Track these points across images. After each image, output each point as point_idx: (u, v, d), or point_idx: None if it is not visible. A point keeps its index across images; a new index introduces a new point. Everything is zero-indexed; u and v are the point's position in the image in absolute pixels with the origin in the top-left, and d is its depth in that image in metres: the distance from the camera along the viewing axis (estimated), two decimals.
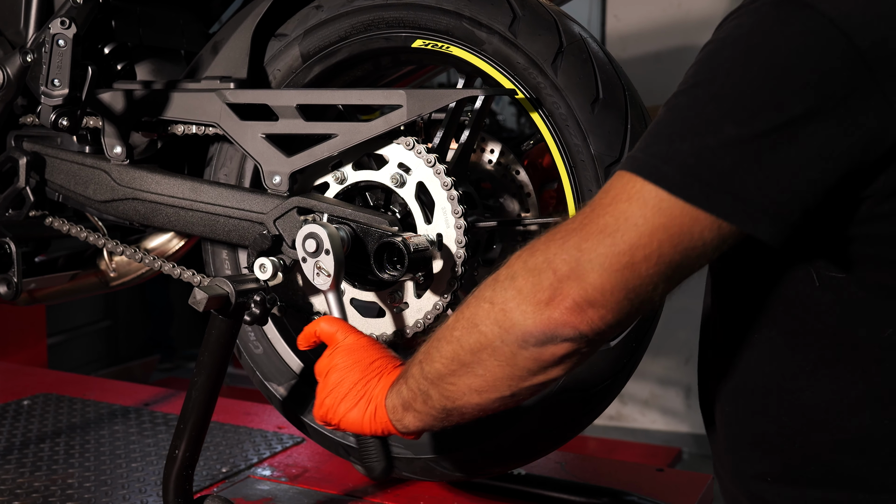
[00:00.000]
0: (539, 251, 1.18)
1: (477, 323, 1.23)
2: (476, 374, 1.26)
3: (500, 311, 1.20)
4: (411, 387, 1.35)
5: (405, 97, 1.60)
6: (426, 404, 1.33)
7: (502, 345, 1.21)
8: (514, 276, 1.20)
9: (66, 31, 1.62)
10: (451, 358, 1.27)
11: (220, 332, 1.64)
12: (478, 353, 1.24)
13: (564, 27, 1.60)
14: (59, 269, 2.14)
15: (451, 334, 1.27)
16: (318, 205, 1.66)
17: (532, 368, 1.21)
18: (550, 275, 1.16)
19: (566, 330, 1.16)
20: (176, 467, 1.71)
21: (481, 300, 1.24)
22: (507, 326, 1.20)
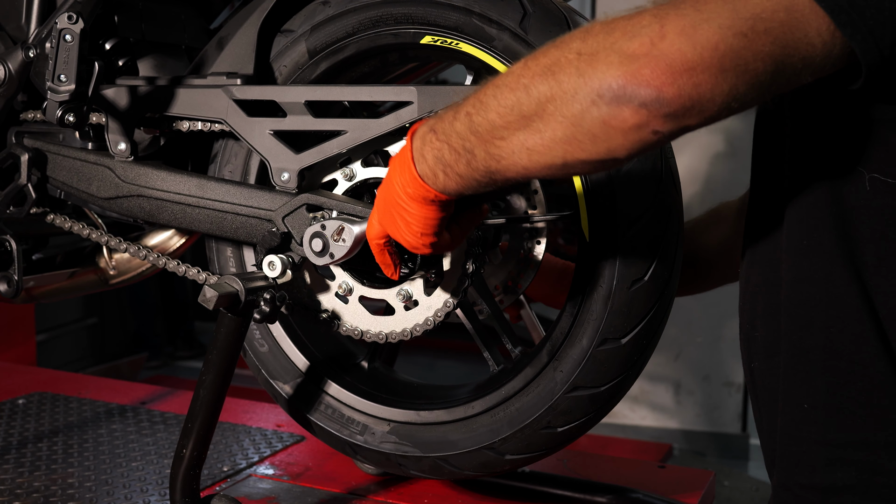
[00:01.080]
0: (646, 11, 1.08)
1: (555, 71, 1.11)
2: (534, 130, 1.14)
3: (584, 60, 1.09)
4: (455, 146, 1.23)
5: (416, 94, 1.59)
6: (469, 166, 1.23)
7: (573, 98, 1.09)
8: (612, 30, 1.09)
9: (73, 25, 1.60)
10: (512, 107, 1.15)
11: (229, 330, 1.63)
12: (544, 105, 1.12)
13: (575, 23, 1.59)
14: (58, 267, 2.12)
15: (518, 81, 1.15)
16: (327, 202, 1.65)
17: (596, 133, 1.10)
18: (656, 27, 1.05)
19: (647, 91, 1.05)
20: (183, 466, 1.69)
21: (566, 50, 1.12)
22: (588, 75, 1.08)
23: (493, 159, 1.20)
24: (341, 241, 1.56)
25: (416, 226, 1.34)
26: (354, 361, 1.90)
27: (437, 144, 1.25)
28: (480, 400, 1.71)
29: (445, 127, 1.24)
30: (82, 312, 6.10)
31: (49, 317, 5.65)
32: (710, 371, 5.10)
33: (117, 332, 6.42)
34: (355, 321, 1.74)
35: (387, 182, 1.37)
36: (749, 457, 5.17)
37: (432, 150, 1.26)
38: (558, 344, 1.64)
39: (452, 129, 1.23)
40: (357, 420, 1.81)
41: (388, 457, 1.79)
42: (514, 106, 1.15)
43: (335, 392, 1.83)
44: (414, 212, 1.32)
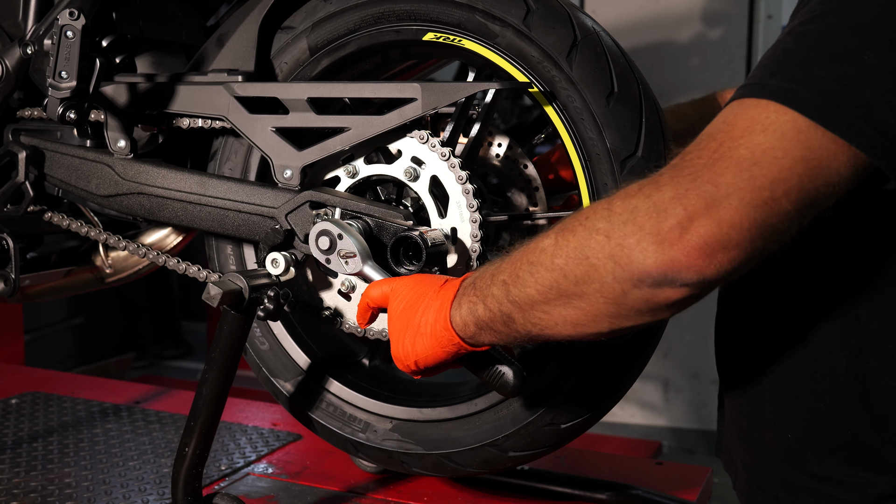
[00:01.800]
0: (666, 186, 1.11)
1: (588, 255, 1.15)
2: (575, 307, 1.19)
3: (616, 245, 1.12)
4: (491, 307, 1.27)
5: (420, 90, 1.59)
6: (508, 327, 1.27)
7: (613, 281, 1.13)
8: (635, 210, 1.12)
9: (75, 22, 1.59)
10: (550, 287, 1.19)
11: (233, 327, 1.62)
12: (583, 286, 1.16)
13: (578, 20, 1.60)
14: (53, 266, 2.11)
15: (553, 262, 1.19)
16: (331, 199, 1.65)
17: (640, 309, 1.15)
18: (680, 211, 1.08)
19: (689, 274, 1.09)
20: (185, 465, 1.69)
21: (593, 231, 1.15)
22: (624, 263, 1.12)
23: (534, 327, 1.25)
24: (344, 262, 1.57)
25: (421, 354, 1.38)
26: (355, 359, 1.89)
27: (474, 299, 1.30)
28: (483, 397, 1.71)
29: (483, 286, 1.30)
30: (67, 312, 6.06)
31: (34, 317, 5.61)
32: (698, 369, 5.12)
33: (103, 332, 6.38)
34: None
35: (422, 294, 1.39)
36: None
37: (468, 304, 1.31)
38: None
39: (489, 292, 1.28)
40: (359, 418, 1.81)
41: (391, 454, 1.79)
42: (552, 286, 1.20)
43: (337, 390, 1.83)
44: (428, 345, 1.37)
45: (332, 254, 1.57)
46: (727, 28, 5.01)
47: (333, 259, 1.58)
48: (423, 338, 1.36)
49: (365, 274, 1.58)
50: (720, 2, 5.01)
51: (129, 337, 6.52)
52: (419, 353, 1.38)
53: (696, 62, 5.05)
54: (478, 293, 1.30)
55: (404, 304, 1.41)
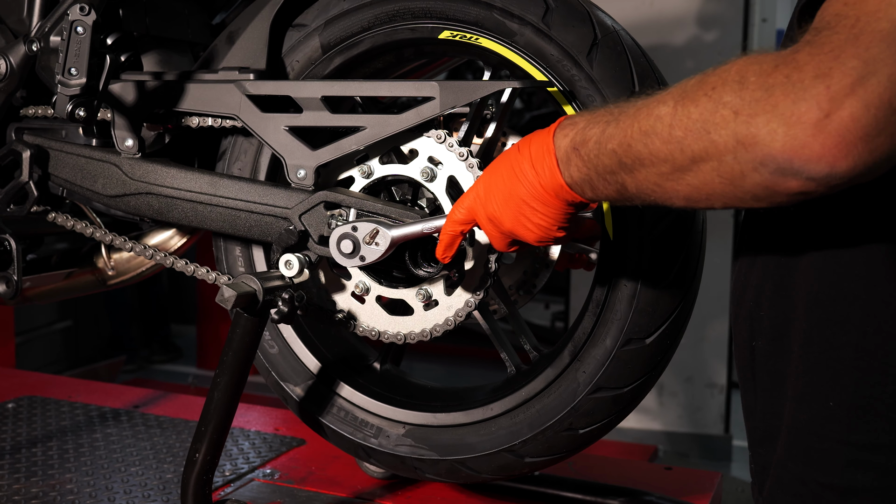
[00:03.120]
0: (807, 65, 1.00)
1: (709, 130, 1.05)
2: (689, 184, 1.11)
3: (743, 122, 1.02)
4: (605, 177, 1.21)
5: (438, 89, 1.56)
6: (621, 194, 1.21)
7: (734, 161, 1.04)
8: (772, 88, 1.01)
9: (86, 17, 1.55)
10: (665, 160, 1.11)
11: (246, 330, 1.59)
12: (699, 163, 1.08)
13: (598, 19, 1.57)
14: (53, 268, 2.07)
15: (670, 133, 1.10)
16: (346, 199, 1.61)
17: (757, 195, 1.06)
18: (822, 91, 0.97)
19: (819, 166, 0.99)
20: (196, 471, 1.65)
21: (720, 104, 1.05)
22: (748, 142, 1.02)
23: (647, 196, 1.18)
24: (374, 244, 1.52)
25: (549, 220, 1.31)
26: (366, 363, 1.86)
27: (584, 169, 1.23)
28: (500, 402, 1.68)
29: (590, 154, 1.22)
30: (56, 315, 6.00)
31: (22, 320, 5.54)
32: (692, 373, 5.10)
33: (92, 335, 6.31)
34: (372, 322, 1.70)
35: (510, 174, 1.31)
36: (732, 458, 5.17)
37: (579, 172, 1.24)
38: (581, 344, 1.61)
39: (599, 161, 1.20)
40: (371, 423, 1.78)
41: (404, 460, 1.75)
42: (667, 159, 1.11)
43: (348, 394, 1.80)
44: (550, 209, 1.29)
45: (359, 250, 1.53)
46: (722, 31, 5.01)
47: (365, 252, 1.53)
48: (546, 204, 1.29)
49: (398, 237, 1.52)
50: (715, 4, 5.01)
51: (118, 340, 6.46)
52: (552, 218, 1.30)
53: (691, 65, 5.03)
54: (586, 162, 1.22)
55: (501, 193, 1.32)
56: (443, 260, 1.47)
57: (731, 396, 5.26)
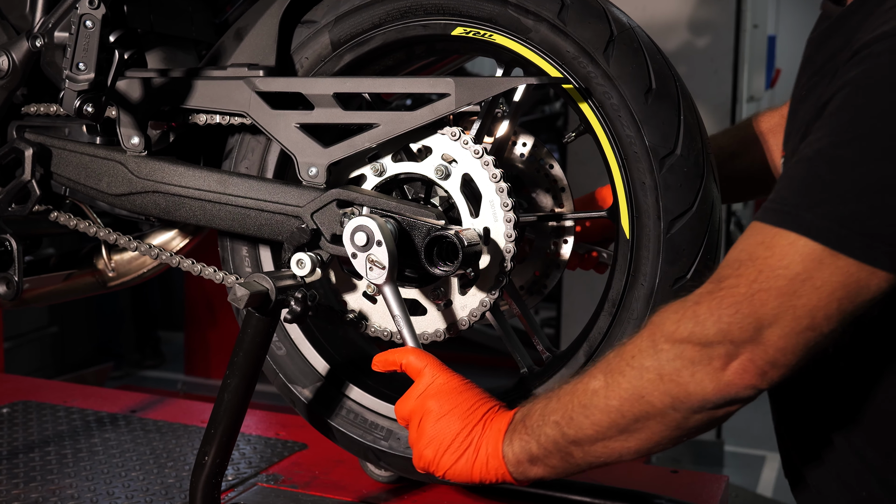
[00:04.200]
0: (708, 320, 1.19)
1: (643, 395, 1.23)
2: (637, 438, 1.27)
3: (670, 382, 1.21)
4: (544, 445, 1.33)
5: (453, 85, 1.54)
6: (565, 461, 1.34)
7: (674, 412, 1.22)
8: (683, 347, 1.20)
9: (95, 11, 1.52)
10: (609, 426, 1.27)
11: (257, 331, 1.56)
12: (643, 422, 1.25)
13: (613, 15, 1.56)
14: (52, 269, 2.03)
15: (607, 404, 1.26)
16: (359, 197, 1.59)
17: (702, 426, 1.25)
18: (728, 345, 1.17)
19: (746, 391, 1.19)
20: (204, 474, 1.62)
21: (643, 370, 1.23)
22: (682, 397, 1.21)
23: (596, 459, 1.32)
24: (369, 268, 1.53)
25: (457, 473, 1.41)
26: None
27: (526, 437, 1.36)
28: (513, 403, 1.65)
29: (534, 425, 1.35)
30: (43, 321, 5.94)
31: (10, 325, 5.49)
32: None
33: (78, 341, 6.26)
34: (384, 322, 1.67)
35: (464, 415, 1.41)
36: (724, 463, 5.17)
37: (520, 441, 1.36)
38: (596, 344, 1.59)
39: (542, 431, 1.34)
40: (381, 425, 1.75)
41: None
42: (610, 425, 1.27)
43: (357, 396, 1.77)
44: (468, 469, 1.40)
45: (363, 253, 1.51)
46: (714, 36, 5.02)
47: (361, 258, 1.52)
48: (465, 461, 1.39)
49: (384, 293, 1.54)
50: (707, 10, 5.02)
51: (108, 346, 6.41)
52: (456, 472, 1.41)
53: (683, 70, 5.01)
54: (529, 432, 1.35)
55: (441, 410, 1.42)
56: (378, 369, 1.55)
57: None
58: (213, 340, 6.52)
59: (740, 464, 5.28)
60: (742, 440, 5.68)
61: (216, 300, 6.47)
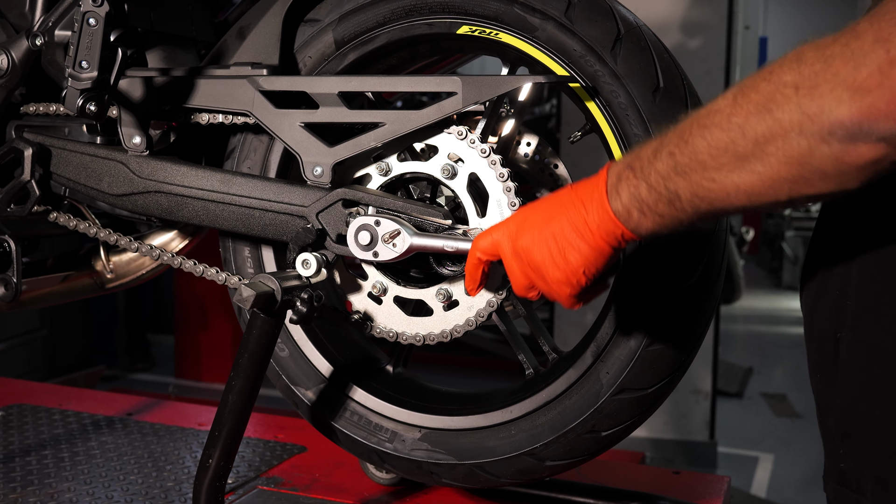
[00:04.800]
0: (866, 32, 0.99)
1: (772, 108, 1.03)
2: (751, 171, 1.07)
3: (805, 95, 1.01)
4: (655, 185, 1.15)
5: (460, 84, 1.52)
6: (673, 206, 1.15)
7: (799, 136, 1.01)
8: (831, 59, 1.00)
9: (98, 8, 1.50)
10: (725, 148, 1.07)
11: (262, 332, 1.54)
12: (763, 145, 1.04)
13: (620, 14, 1.55)
14: (49, 271, 2.01)
15: (730, 121, 1.06)
16: (365, 197, 1.58)
17: (827, 171, 1.03)
18: (882, 54, 0.96)
19: (887, 124, 0.97)
20: (208, 477, 1.60)
21: (780, 85, 1.03)
22: (813, 113, 1.00)
23: (702, 201, 1.13)
24: (392, 244, 1.49)
25: (583, 259, 1.25)
26: (378, 366, 1.82)
27: (634, 182, 1.18)
28: (520, 404, 1.65)
29: (643, 164, 1.17)
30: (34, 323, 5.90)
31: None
32: None
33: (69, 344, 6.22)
34: (389, 323, 1.66)
35: (550, 209, 1.27)
36: (717, 464, 5.17)
37: (628, 188, 1.19)
38: (603, 345, 1.58)
39: (652, 168, 1.16)
40: (386, 427, 1.74)
41: (420, 465, 1.71)
42: (727, 147, 1.08)
43: (361, 398, 1.75)
44: (588, 247, 1.24)
45: (375, 245, 1.50)
46: (706, 38, 5.03)
47: (380, 249, 1.50)
48: (584, 240, 1.23)
49: (417, 246, 1.50)
50: (699, 12, 5.03)
51: (99, 349, 6.37)
52: (586, 258, 1.24)
53: None
54: (637, 174, 1.17)
55: (537, 226, 1.27)
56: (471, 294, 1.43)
57: (716, 403, 5.27)
58: (204, 343, 6.49)
59: (734, 465, 5.29)
60: (735, 441, 5.70)
61: (207, 303, 6.44)
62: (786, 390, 7.15)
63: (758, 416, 6.51)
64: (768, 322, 9.92)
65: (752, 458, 5.56)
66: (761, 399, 6.91)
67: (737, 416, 6.37)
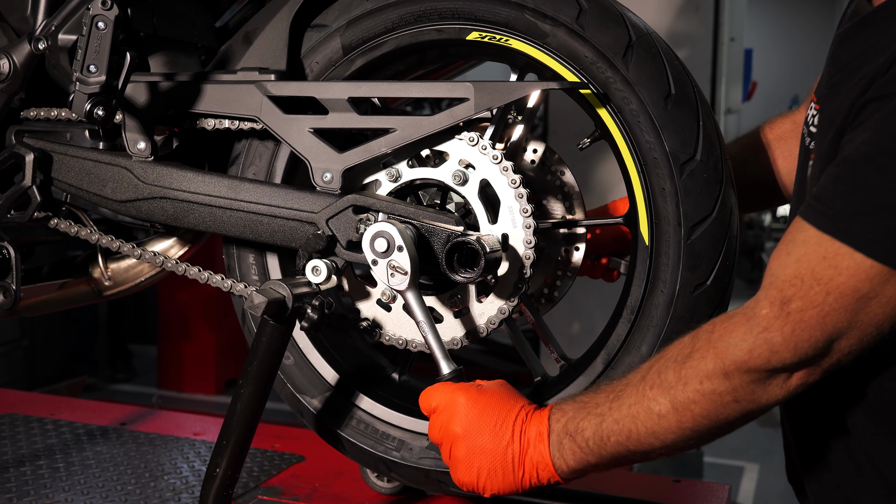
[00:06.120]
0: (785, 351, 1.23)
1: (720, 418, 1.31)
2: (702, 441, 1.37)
3: (748, 403, 1.28)
4: (606, 460, 1.37)
5: (472, 90, 1.51)
6: (617, 463, 1.38)
7: (744, 420, 1.33)
8: (757, 375, 1.26)
9: (108, 12, 1.48)
10: (683, 443, 1.33)
11: (272, 339, 1.52)
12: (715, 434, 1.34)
13: (630, 21, 1.55)
14: (45, 278, 1.98)
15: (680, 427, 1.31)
16: (376, 203, 1.56)
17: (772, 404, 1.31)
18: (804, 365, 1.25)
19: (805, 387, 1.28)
20: (215, 486, 1.58)
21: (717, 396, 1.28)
22: (756, 410, 1.30)
23: (653, 459, 1.39)
24: (391, 274, 1.50)
25: (502, 487, 1.42)
26: (384, 374, 1.80)
27: (581, 455, 1.37)
28: None
29: (590, 443, 1.36)
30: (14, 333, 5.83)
31: None
32: None
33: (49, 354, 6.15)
34: (399, 330, 1.65)
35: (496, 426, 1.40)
36: (703, 474, 5.18)
37: (574, 456, 1.37)
38: (614, 351, 1.58)
39: (604, 449, 1.35)
40: (393, 435, 1.72)
41: (428, 473, 1.70)
42: (683, 442, 1.33)
43: (368, 406, 1.74)
44: (513, 481, 1.41)
45: (384, 259, 1.49)
46: (692, 49, 5.05)
47: (381, 265, 1.49)
48: (513, 477, 1.40)
49: (407, 299, 1.51)
50: (685, 23, 5.05)
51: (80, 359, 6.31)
52: (504, 488, 1.41)
53: None
54: (587, 451, 1.36)
55: (468, 434, 1.40)
56: None
57: None
58: (187, 354, 6.44)
59: (719, 474, 5.30)
60: (721, 451, 5.71)
61: (189, 313, 6.39)
62: None
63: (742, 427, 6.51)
64: None
65: (738, 467, 5.58)
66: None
67: None
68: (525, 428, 1.39)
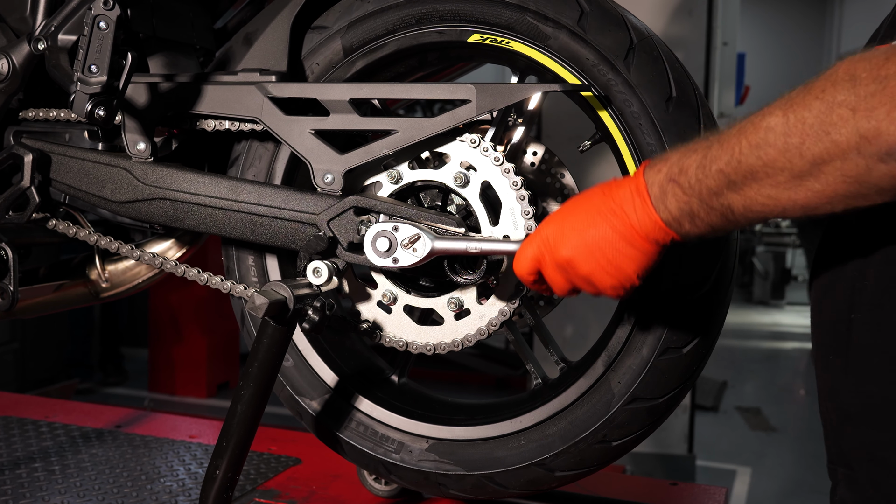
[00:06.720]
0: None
1: (828, 130, 1.06)
2: (809, 188, 1.10)
3: (864, 117, 1.04)
4: (707, 200, 1.18)
5: (474, 92, 1.52)
6: (726, 219, 1.19)
7: (858, 157, 1.05)
8: (886, 80, 1.03)
9: (109, 12, 1.48)
10: (782, 168, 1.10)
11: (273, 340, 1.52)
12: (821, 165, 1.08)
13: (632, 24, 1.55)
14: (42, 280, 1.97)
15: (786, 141, 1.09)
16: (377, 205, 1.56)
17: (883, 188, 1.07)
18: None
19: None
20: (215, 489, 1.58)
21: (834, 105, 1.06)
22: (872, 135, 1.03)
23: (757, 215, 1.16)
24: (412, 249, 1.48)
25: (635, 264, 1.27)
26: (383, 376, 1.80)
27: (684, 198, 1.20)
28: (529, 414, 1.63)
29: (691, 181, 1.20)
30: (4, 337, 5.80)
31: None
32: None
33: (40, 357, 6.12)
34: (399, 332, 1.65)
35: (588, 216, 1.28)
36: (696, 477, 5.18)
37: (678, 203, 1.21)
38: (615, 354, 1.58)
39: (702, 185, 1.18)
40: (392, 438, 1.72)
41: (427, 476, 1.70)
42: (784, 167, 1.10)
43: (367, 408, 1.73)
44: (639, 252, 1.26)
45: (395, 252, 1.48)
46: (685, 54, 5.05)
47: (400, 255, 1.49)
48: (635, 247, 1.26)
49: (439, 249, 1.48)
50: (678, 28, 5.06)
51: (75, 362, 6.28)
52: (638, 263, 1.27)
53: None
54: (686, 191, 1.20)
55: (578, 236, 1.28)
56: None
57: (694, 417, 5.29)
58: (178, 357, 6.42)
59: (712, 478, 5.31)
60: (713, 455, 5.72)
61: (181, 316, 6.37)
62: (760, 404, 7.19)
63: (734, 429, 6.54)
64: (740, 336, 9.99)
65: (730, 471, 5.59)
66: (736, 413, 6.95)
67: (713, 430, 6.40)
68: (617, 188, 1.27)
